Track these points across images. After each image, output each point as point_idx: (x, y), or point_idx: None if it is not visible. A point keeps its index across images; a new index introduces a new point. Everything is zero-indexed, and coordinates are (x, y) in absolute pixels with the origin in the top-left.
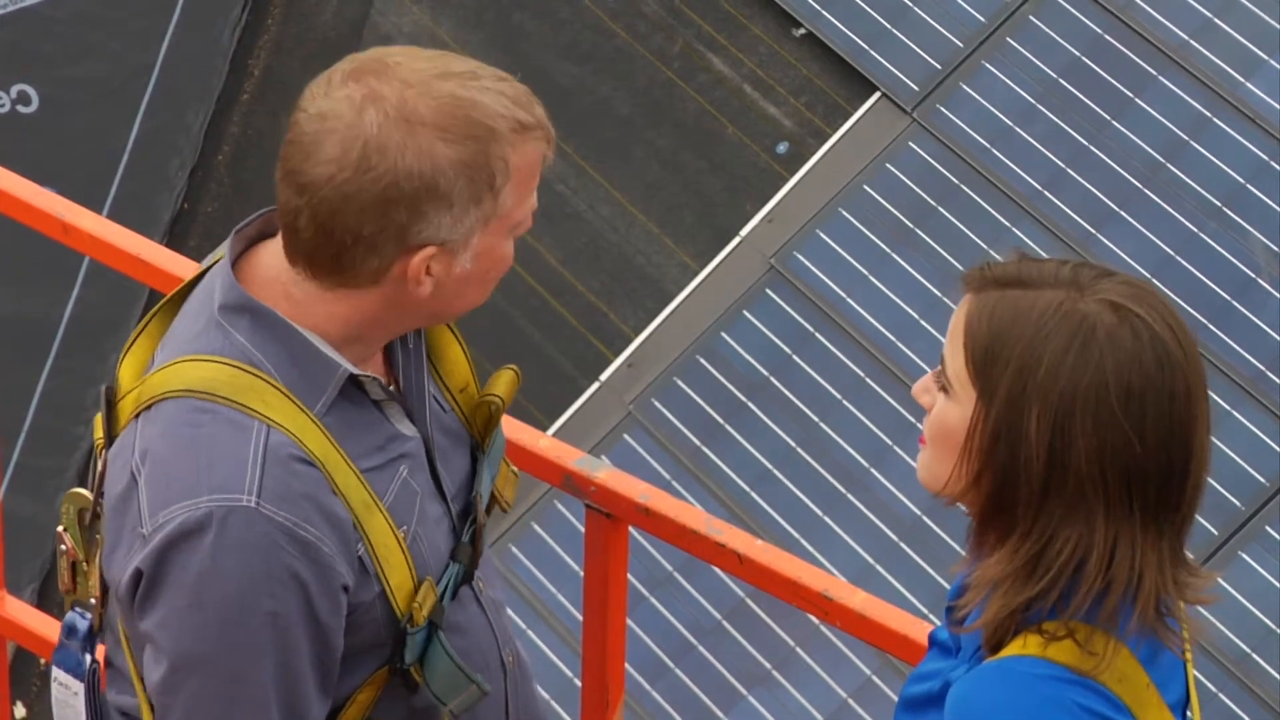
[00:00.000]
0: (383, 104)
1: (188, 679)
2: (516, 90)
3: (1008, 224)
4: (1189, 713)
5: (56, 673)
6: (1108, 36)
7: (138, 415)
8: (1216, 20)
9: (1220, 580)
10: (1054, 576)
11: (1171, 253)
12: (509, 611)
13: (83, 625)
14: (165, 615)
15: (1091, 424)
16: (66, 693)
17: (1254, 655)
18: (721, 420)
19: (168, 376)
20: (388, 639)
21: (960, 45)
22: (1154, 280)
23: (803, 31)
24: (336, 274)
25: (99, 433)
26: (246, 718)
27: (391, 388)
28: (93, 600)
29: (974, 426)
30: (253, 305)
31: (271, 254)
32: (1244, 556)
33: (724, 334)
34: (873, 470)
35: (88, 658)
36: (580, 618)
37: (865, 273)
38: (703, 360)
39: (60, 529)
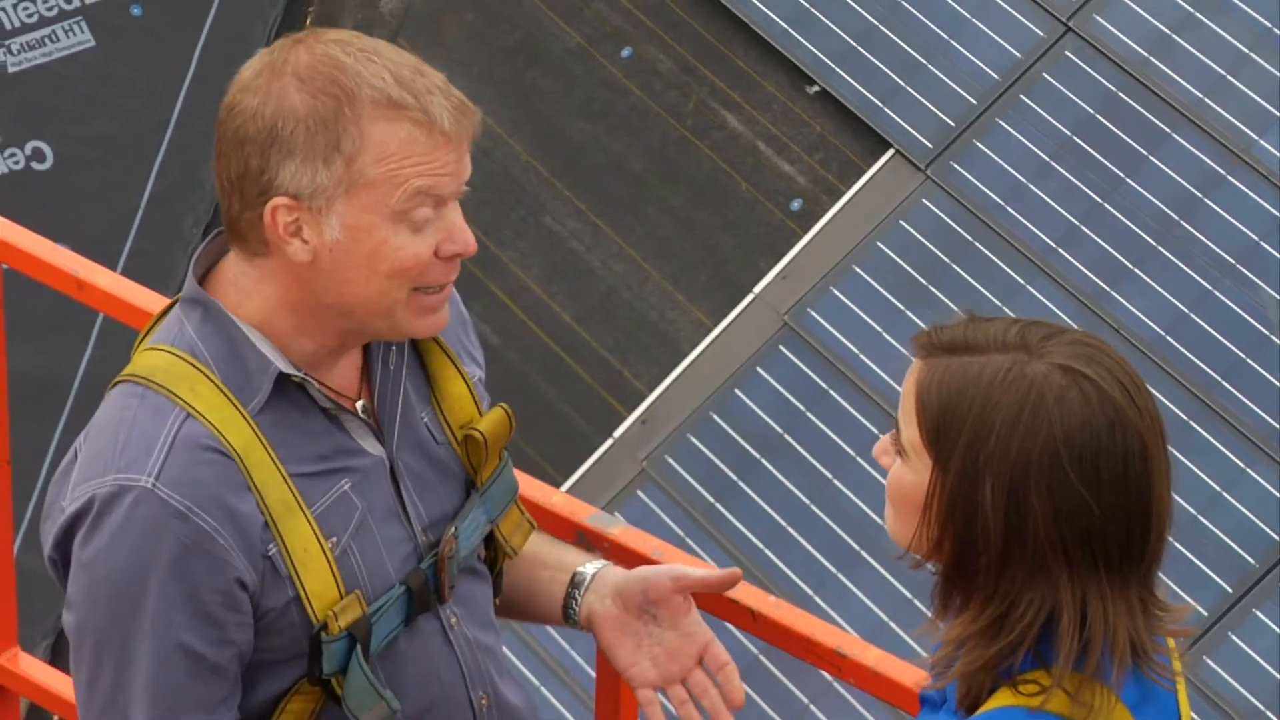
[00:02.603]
0: (270, 55)
1: (80, 651)
2: (414, 76)
3: (1021, 281)
4: None
5: None
6: (1121, 94)
7: None
8: (1230, 78)
9: (1233, 637)
10: (1018, 637)
11: (1185, 310)
12: (504, 658)
13: None
14: (70, 587)
15: (1046, 491)
16: None
17: (1268, 712)
18: (735, 477)
19: (130, 363)
20: (306, 647)
21: (974, 102)
22: (1168, 337)
23: (816, 89)
24: (236, 235)
25: None
26: (127, 697)
27: (363, 404)
28: None
29: (931, 495)
30: (203, 299)
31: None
32: (1258, 614)
33: (737, 390)
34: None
35: None
36: (594, 674)
37: (879, 329)
38: (716, 417)
39: None
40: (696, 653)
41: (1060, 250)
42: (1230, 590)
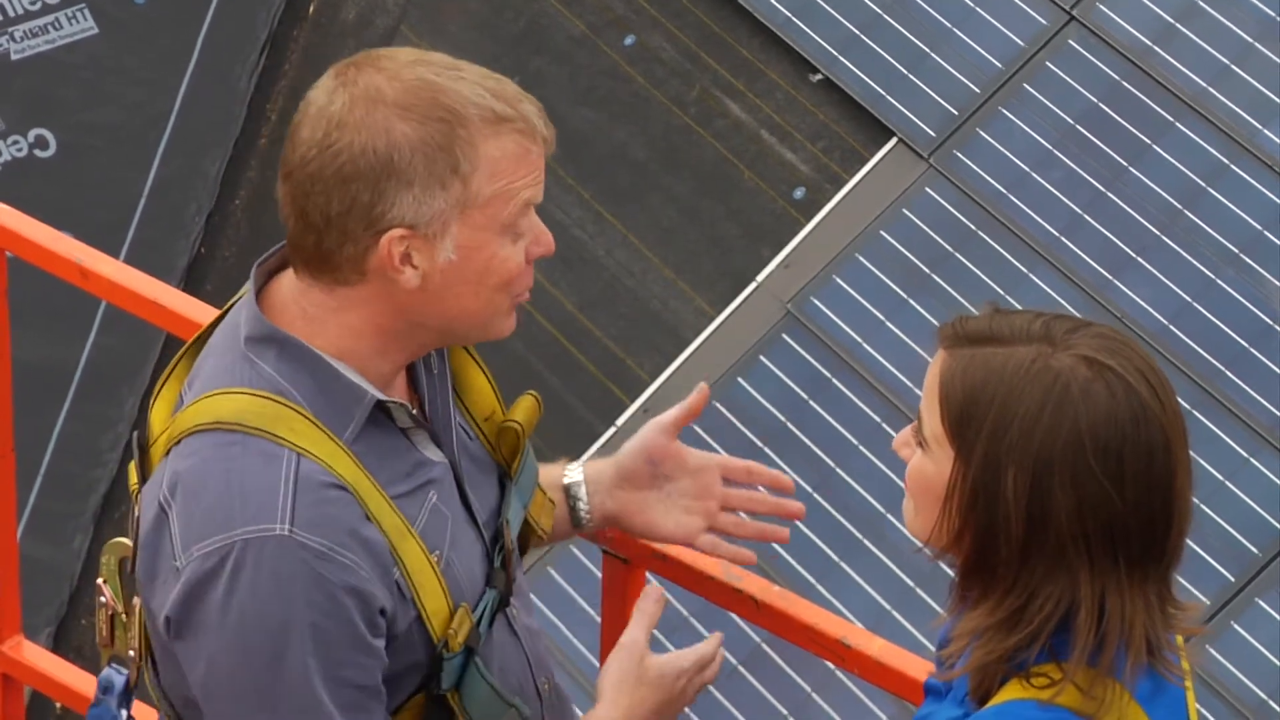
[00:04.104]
0: (352, 87)
1: (238, 705)
2: (500, 86)
3: (1024, 270)
4: None
5: None
6: (1125, 83)
7: (168, 452)
8: (1234, 67)
9: (1235, 626)
10: (1036, 629)
11: (1189, 299)
12: (546, 640)
13: (119, 681)
14: (209, 647)
15: (1070, 483)
16: None
17: (1270, 702)
18: None
19: (197, 411)
20: (425, 664)
21: (978, 91)
22: (1172, 327)
23: (820, 77)
24: (325, 268)
25: (134, 479)
26: None
27: (415, 412)
28: (131, 654)
29: (953, 486)
30: (278, 335)
31: (288, 280)
32: (1261, 604)
33: (740, 380)
34: (890, 516)
35: (124, 714)
36: (596, 663)
37: (882, 318)
38: (719, 406)
39: (100, 581)
40: (718, 480)
41: (1064, 239)
42: (1233, 579)
